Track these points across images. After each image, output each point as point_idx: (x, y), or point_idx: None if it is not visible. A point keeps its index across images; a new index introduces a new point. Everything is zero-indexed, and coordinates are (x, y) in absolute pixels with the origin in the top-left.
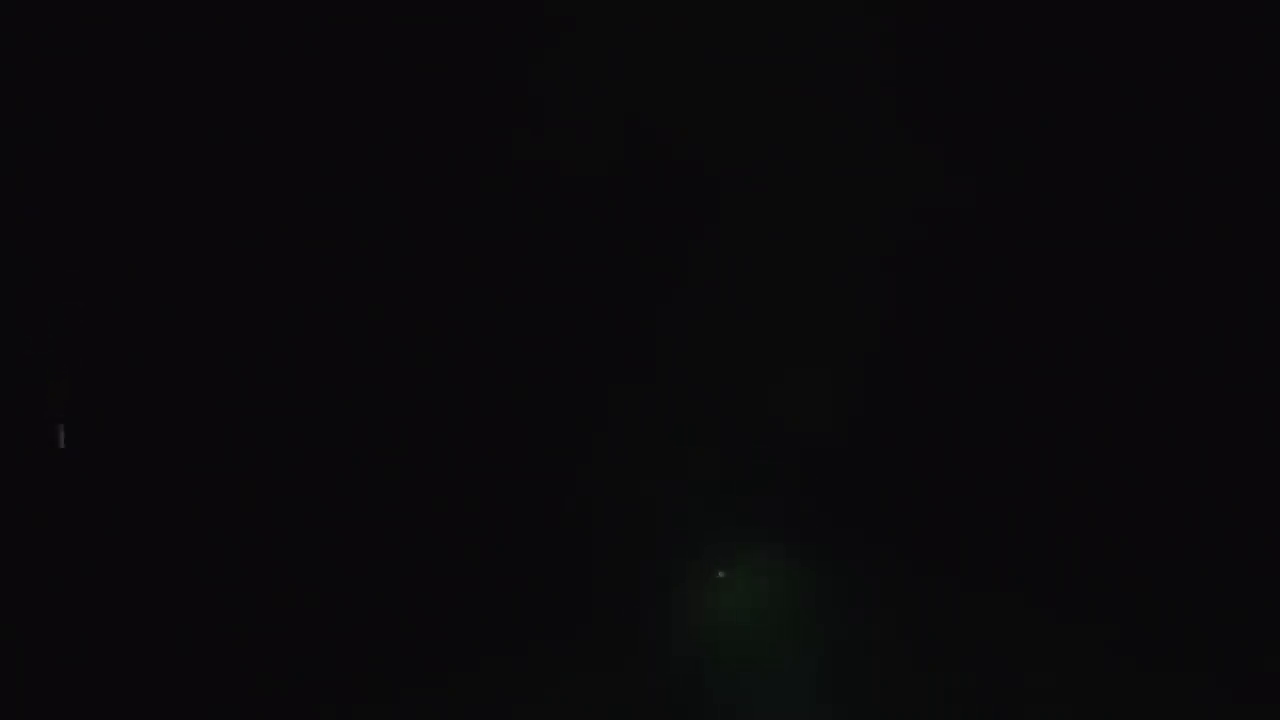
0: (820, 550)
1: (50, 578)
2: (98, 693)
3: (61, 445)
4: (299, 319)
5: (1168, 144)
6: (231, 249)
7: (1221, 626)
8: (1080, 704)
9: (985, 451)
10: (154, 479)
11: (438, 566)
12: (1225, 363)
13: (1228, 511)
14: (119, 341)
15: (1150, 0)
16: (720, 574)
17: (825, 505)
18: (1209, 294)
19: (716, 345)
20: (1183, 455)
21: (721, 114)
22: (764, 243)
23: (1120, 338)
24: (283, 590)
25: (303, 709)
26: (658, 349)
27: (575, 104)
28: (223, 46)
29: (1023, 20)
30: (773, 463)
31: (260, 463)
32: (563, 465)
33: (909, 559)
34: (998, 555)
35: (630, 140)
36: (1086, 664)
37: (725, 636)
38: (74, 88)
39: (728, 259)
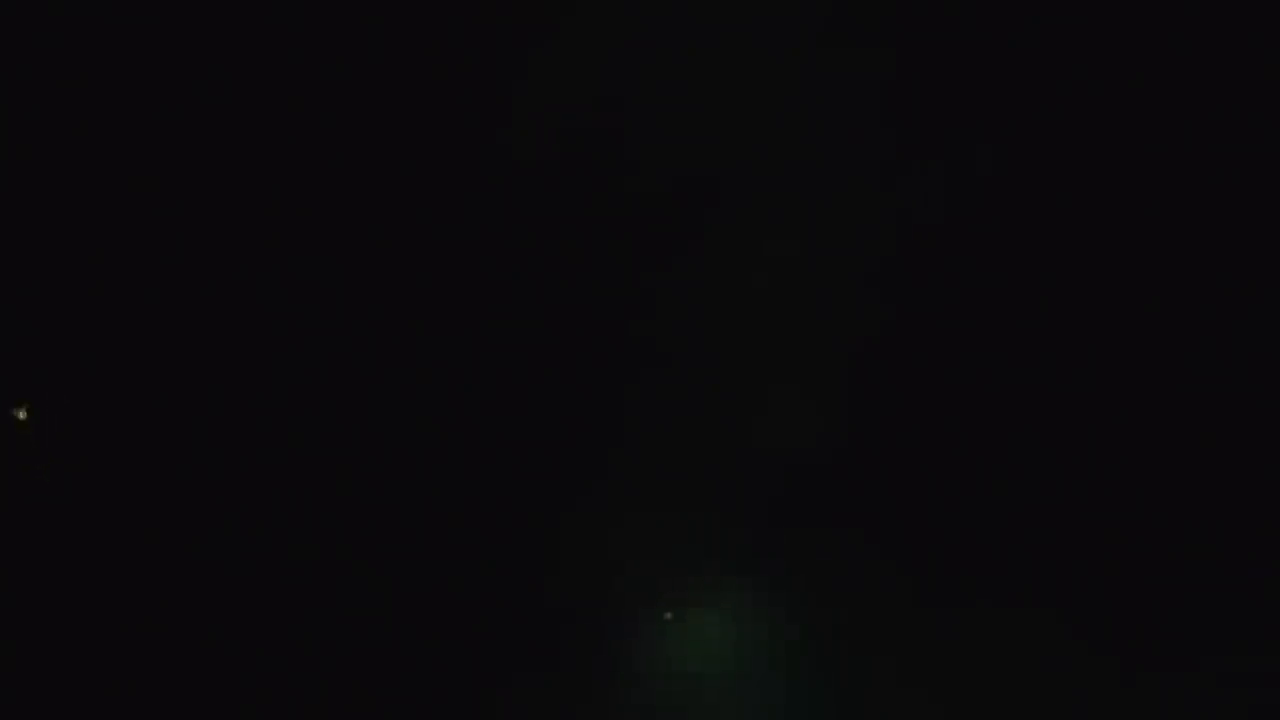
0: (809, 567)
1: (46, 579)
2: (95, 693)
3: (59, 446)
4: (269, 322)
5: (1157, 149)
6: (214, 249)
7: (1220, 630)
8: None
9: (980, 462)
10: (150, 479)
11: (406, 591)
12: (1214, 369)
13: (1217, 518)
14: (117, 342)
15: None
16: (668, 616)
17: (814, 522)
18: (1202, 299)
19: (701, 361)
20: (1177, 460)
21: (702, 126)
22: (749, 256)
23: (1110, 346)
24: (265, 599)
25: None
26: (642, 364)
27: (558, 108)
28: (196, 46)
29: (1010, 27)
30: (760, 480)
31: (244, 468)
32: (543, 490)
33: (903, 572)
34: (993, 566)
35: (611, 151)
36: (1085, 674)
37: (708, 666)
38: (73, 88)
39: (710, 273)
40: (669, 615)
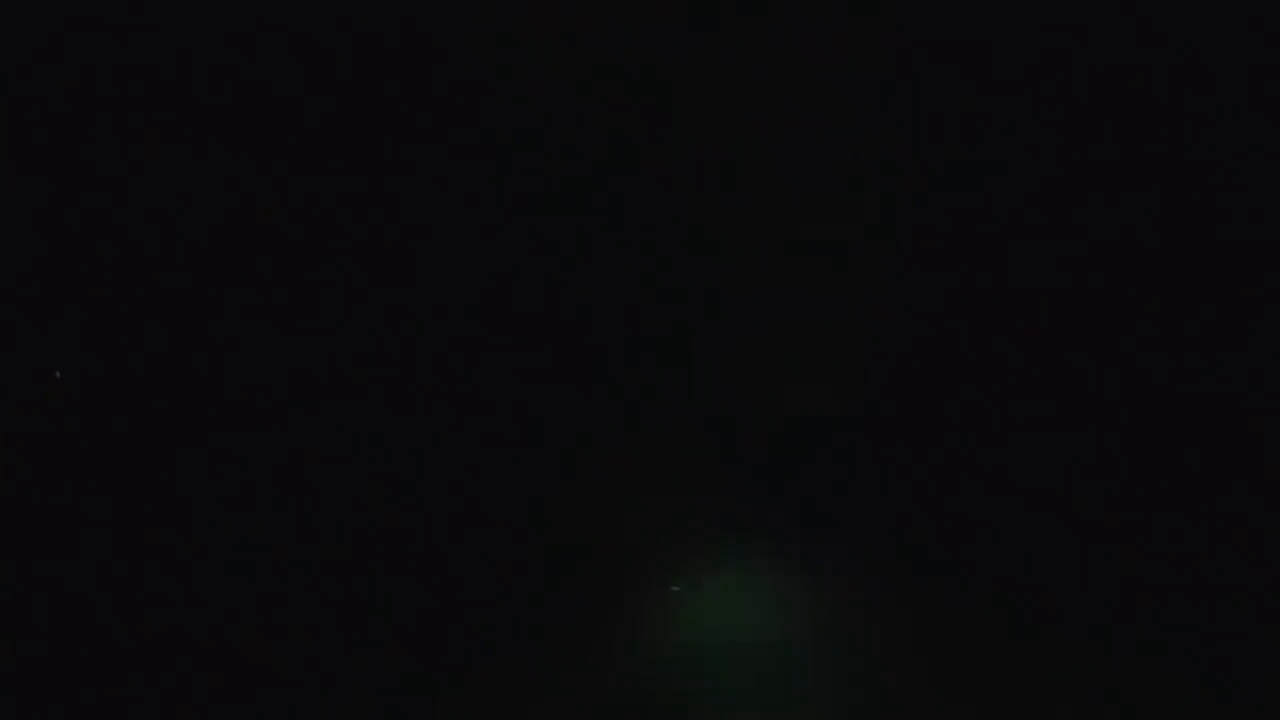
0: (809, 550)
1: (49, 576)
2: (95, 693)
3: (60, 443)
4: (259, 322)
5: (1159, 144)
6: (210, 246)
7: (1220, 630)
8: (1080, 708)
9: (983, 451)
10: (148, 478)
11: (420, 567)
12: (1223, 362)
13: (1227, 513)
14: (118, 341)
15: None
16: (675, 588)
17: (816, 505)
18: (1205, 294)
19: (710, 344)
20: (1182, 456)
21: (715, 111)
22: (760, 240)
23: (1117, 339)
24: (268, 592)
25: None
26: (650, 348)
27: (567, 97)
28: (192, 45)
29: (1018, 19)
30: (766, 461)
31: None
32: (552, 466)
33: (904, 559)
34: (996, 556)
35: (622, 134)
36: (1084, 667)
37: (714, 639)
38: (73, 88)
39: (724, 257)
40: (676, 588)
